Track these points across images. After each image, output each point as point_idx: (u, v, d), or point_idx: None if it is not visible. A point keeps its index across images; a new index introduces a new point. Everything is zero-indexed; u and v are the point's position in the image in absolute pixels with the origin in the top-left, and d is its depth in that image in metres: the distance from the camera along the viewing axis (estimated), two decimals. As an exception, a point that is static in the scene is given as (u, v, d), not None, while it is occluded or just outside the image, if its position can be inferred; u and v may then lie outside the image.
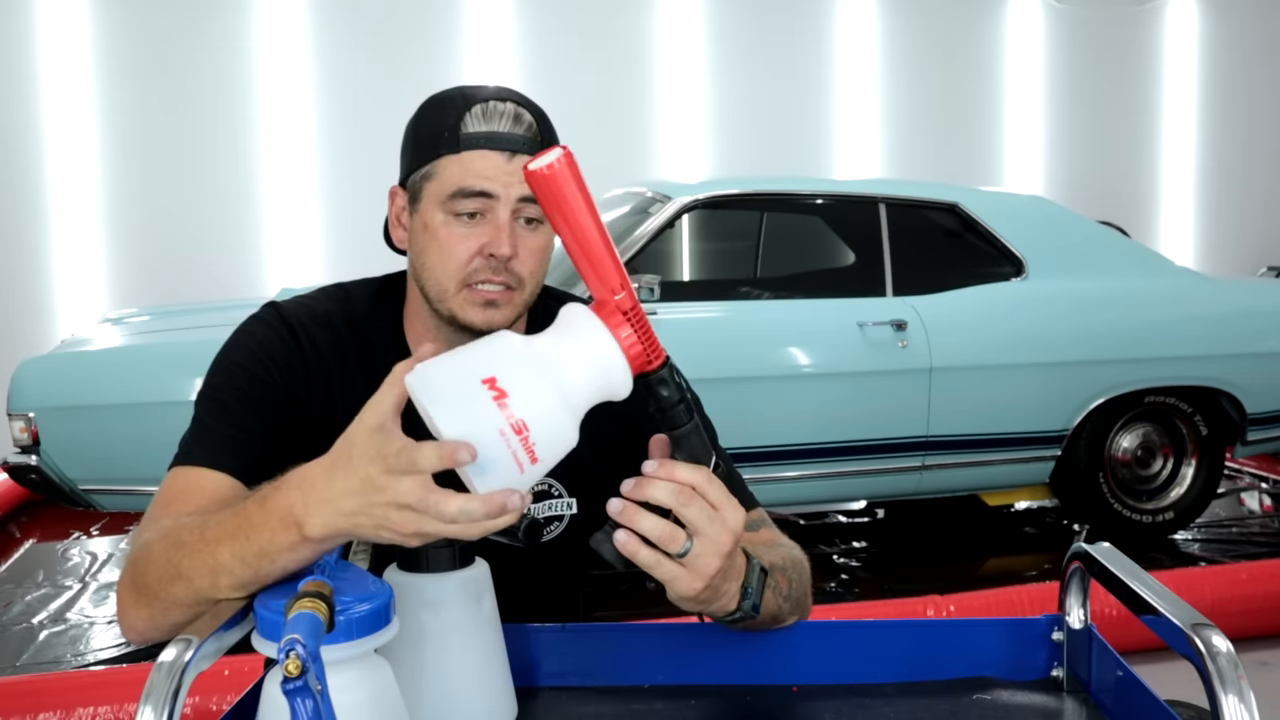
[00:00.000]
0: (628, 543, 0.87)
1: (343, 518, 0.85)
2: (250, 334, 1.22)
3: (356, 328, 1.24)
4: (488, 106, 1.16)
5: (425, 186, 1.18)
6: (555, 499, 1.27)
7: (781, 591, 1.07)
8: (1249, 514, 4.82)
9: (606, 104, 6.82)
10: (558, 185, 0.83)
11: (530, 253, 1.18)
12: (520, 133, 1.15)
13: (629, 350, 0.84)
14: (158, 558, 0.97)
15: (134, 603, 1.00)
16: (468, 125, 1.15)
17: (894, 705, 1.05)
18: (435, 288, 1.18)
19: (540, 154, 0.84)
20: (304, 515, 0.86)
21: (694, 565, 0.89)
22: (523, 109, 1.17)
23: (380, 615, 0.84)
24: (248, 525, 0.90)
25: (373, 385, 1.22)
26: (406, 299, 1.27)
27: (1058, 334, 4.07)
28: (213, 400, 1.17)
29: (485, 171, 1.14)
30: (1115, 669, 1.01)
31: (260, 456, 1.13)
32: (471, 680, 0.97)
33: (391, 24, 6.46)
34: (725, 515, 0.89)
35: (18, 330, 5.91)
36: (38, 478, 3.45)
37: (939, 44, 7.48)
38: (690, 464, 0.88)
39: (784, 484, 3.86)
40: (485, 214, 1.15)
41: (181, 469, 1.13)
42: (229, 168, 6.32)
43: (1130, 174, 7.93)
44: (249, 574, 0.90)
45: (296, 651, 0.70)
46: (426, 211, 1.18)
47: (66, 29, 6.10)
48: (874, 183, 4.76)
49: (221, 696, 2.52)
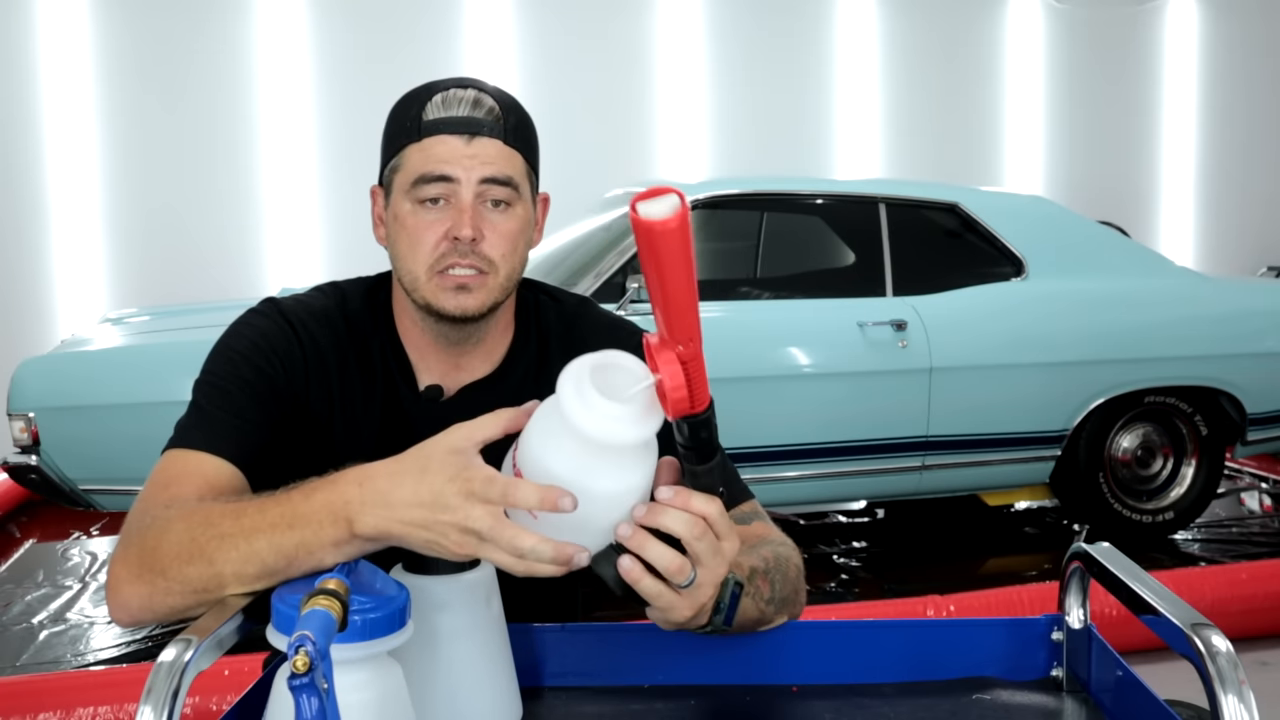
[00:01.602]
0: (632, 569, 0.86)
1: (399, 524, 0.86)
2: (251, 326, 1.22)
3: (352, 324, 1.25)
4: (447, 94, 1.17)
5: (394, 179, 1.19)
6: None
7: (763, 596, 1.06)
8: (1249, 514, 4.82)
9: (606, 104, 6.82)
10: (671, 241, 0.76)
11: (500, 236, 1.17)
12: (480, 116, 1.16)
13: (673, 395, 0.82)
14: (178, 535, 0.96)
15: (133, 578, 0.98)
16: (428, 113, 1.17)
17: (894, 705, 1.05)
18: (409, 277, 1.19)
19: (646, 195, 0.77)
20: (358, 513, 0.87)
21: (691, 594, 0.89)
22: (484, 94, 1.18)
23: (395, 618, 0.84)
24: (292, 516, 0.91)
25: (369, 381, 1.22)
26: (393, 295, 1.27)
27: (1058, 334, 4.07)
28: (213, 387, 1.17)
29: (444, 156, 1.15)
30: (1115, 669, 1.01)
31: (259, 447, 1.13)
32: (479, 682, 0.97)
33: (391, 24, 6.46)
34: (725, 547, 0.89)
35: (18, 330, 5.91)
36: (38, 478, 3.45)
37: (939, 44, 7.47)
38: (704, 494, 0.87)
39: (784, 484, 3.86)
40: (449, 199, 1.16)
41: (179, 451, 1.12)
42: (229, 168, 6.32)
43: (1130, 174, 7.93)
44: (281, 564, 0.91)
45: (305, 648, 0.71)
46: (396, 203, 1.19)
47: (66, 29, 6.10)
48: (874, 183, 4.76)
49: (221, 696, 2.52)
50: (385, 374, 1.24)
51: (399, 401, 1.23)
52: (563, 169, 6.41)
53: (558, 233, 4.40)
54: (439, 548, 0.86)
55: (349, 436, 1.21)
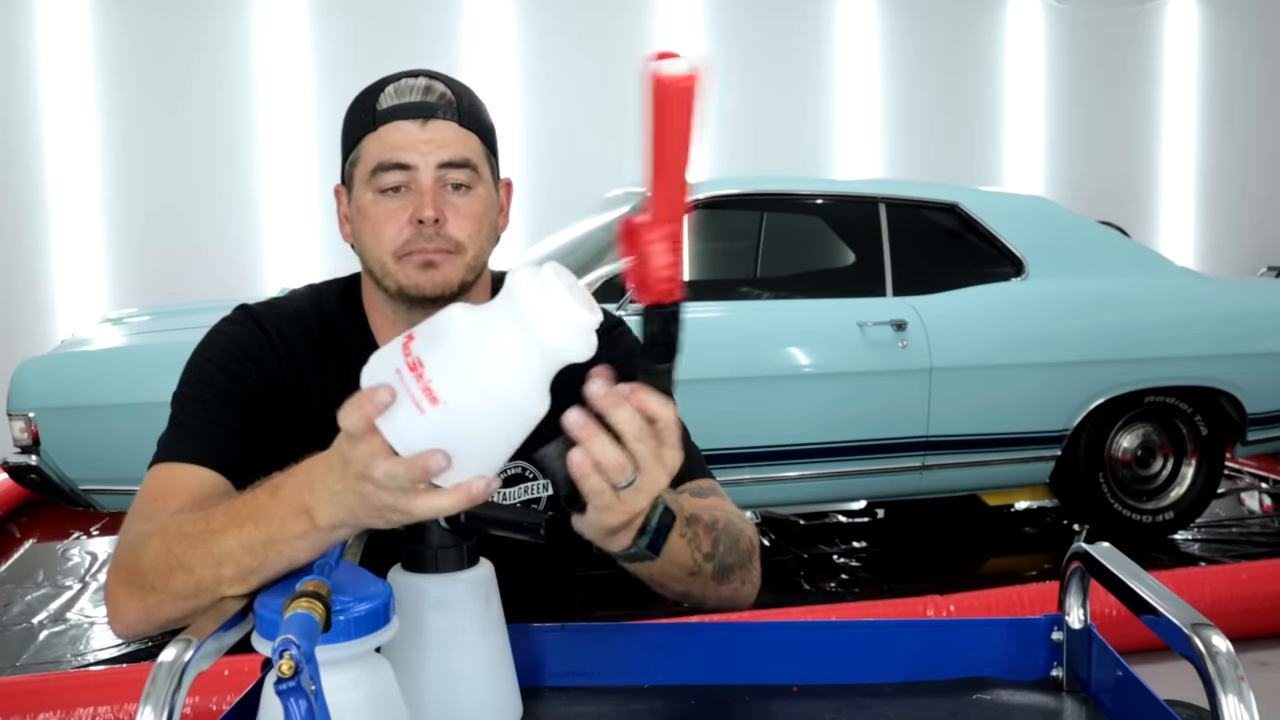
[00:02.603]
0: (583, 463, 0.81)
1: (340, 507, 0.86)
2: (223, 334, 1.23)
3: (327, 324, 1.26)
4: (400, 84, 1.19)
5: (354, 172, 1.21)
6: (530, 481, 1.26)
7: (701, 548, 1.05)
8: (1249, 514, 4.82)
9: (606, 104, 6.81)
10: (683, 100, 0.76)
11: (463, 217, 1.18)
12: (433, 100, 1.18)
13: (660, 275, 0.79)
14: (155, 550, 0.97)
15: (127, 595, 0.99)
16: (381, 103, 1.18)
17: (894, 705, 1.05)
18: (377, 266, 1.19)
19: (664, 55, 0.76)
20: (314, 504, 0.87)
21: (628, 498, 0.84)
22: (435, 81, 1.20)
23: (379, 615, 0.84)
24: (258, 513, 0.91)
25: (345, 379, 1.22)
26: (364, 290, 1.28)
27: (1058, 334, 4.07)
28: (189, 399, 1.18)
29: (400, 142, 1.16)
30: (1115, 669, 1.01)
31: (240, 452, 1.14)
32: (479, 681, 0.97)
33: (391, 24, 6.46)
34: (668, 456, 0.84)
35: (18, 330, 5.91)
36: (38, 478, 3.45)
37: (939, 44, 7.47)
38: (662, 397, 0.83)
39: (784, 484, 3.86)
40: (409, 185, 1.17)
41: (163, 466, 1.13)
42: (229, 168, 6.32)
43: (1130, 174, 7.93)
44: (254, 562, 0.91)
45: (290, 652, 0.71)
46: (358, 195, 1.20)
47: (66, 29, 6.10)
48: (874, 183, 4.76)
49: (221, 696, 2.52)
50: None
51: None
52: (562, 169, 6.46)
53: (558, 233, 4.40)
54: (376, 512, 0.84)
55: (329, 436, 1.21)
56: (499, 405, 0.78)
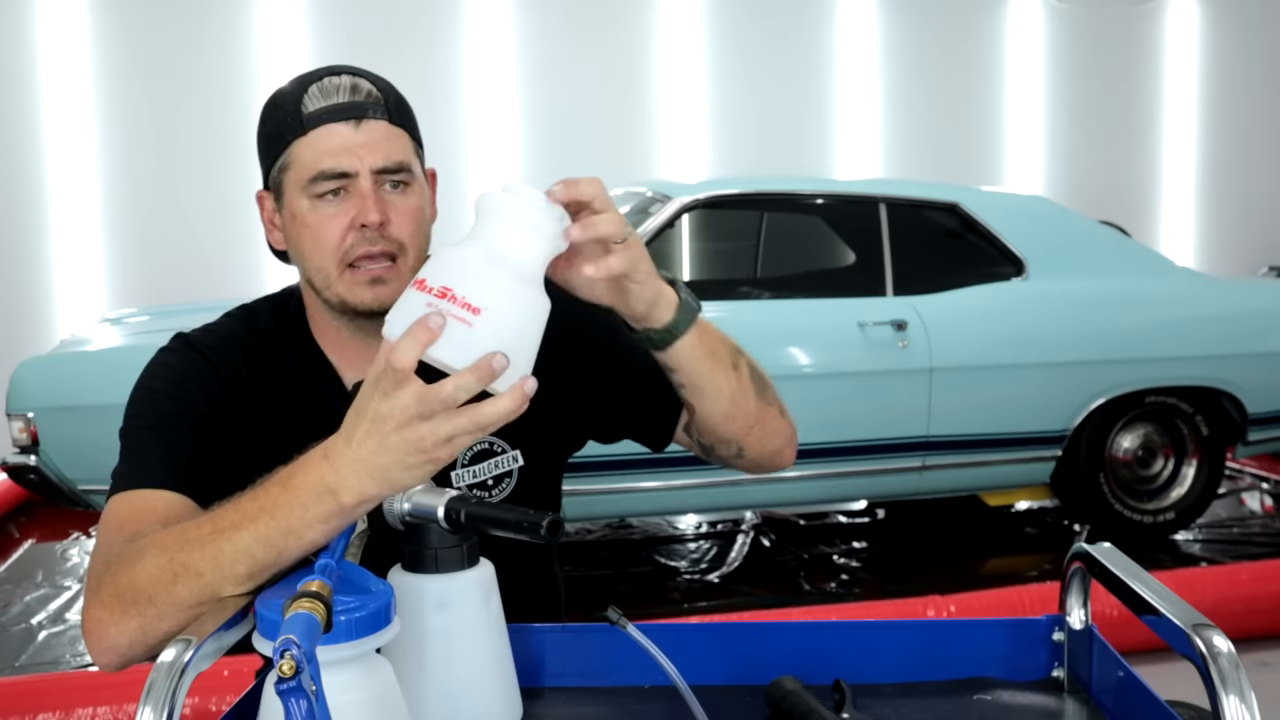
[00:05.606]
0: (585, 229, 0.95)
1: (373, 470, 0.88)
2: (163, 364, 1.22)
3: (264, 341, 1.25)
4: (323, 83, 1.17)
5: (284, 178, 1.18)
6: (499, 455, 1.26)
7: (727, 342, 1.21)
8: (1250, 514, 4.81)
9: (606, 104, 6.82)
10: None
11: (404, 215, 1.17)
12: (361, 99, 1.16)
13: None
14: (152, 562, 0.97)
15: (117, 617, 0.97)
16: (307, 105, 1.16)
17: (894, 705, 1.05)
18: (319, 275, 1.18)
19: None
20: (337, 482, 0.89)
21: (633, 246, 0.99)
22: (359, 79, 1.18)
23: (380, 615, 0.84)
24: (272, 506, 0.92)
25: (292, 393, 1.22)
26: (304, 299, 1.26)
27: (1058, 334, 4.07)
28: (140, 429, 1.16)
29: (336, 148, 1.14)
30: (1116, 669, 1.01)
31: (198, 475, 1.12)
32: (480, 681, 0.97)
33: (391, 24, 6.46)
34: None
35: (18, 330, 5.90)
36: (37, 478, 3.45)
37: (939, 44, 7.47)
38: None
39: (784, 484, 3.86)
40: (348, 189, 1.15)
41: (124, 495, 1.10)
42: (229, 167, 6.30)
43: (1130, 174, 7.93)
44: (271, 555, 0.92)
45: (291, 652, 0.71)
46: (292, 202, 1.18)
47: (66, 29, 6.10)
48: (874, 183, 4.76)
49: (221, 696, 2.52)
50: (308, 382, 1.23)
51: (327, 405, 1.21)
52: (562, 169, 6.43)
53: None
54: (419, 459, 0.87)
55: (286, 446, 1.20)
56: (525, 299, 0.88)
